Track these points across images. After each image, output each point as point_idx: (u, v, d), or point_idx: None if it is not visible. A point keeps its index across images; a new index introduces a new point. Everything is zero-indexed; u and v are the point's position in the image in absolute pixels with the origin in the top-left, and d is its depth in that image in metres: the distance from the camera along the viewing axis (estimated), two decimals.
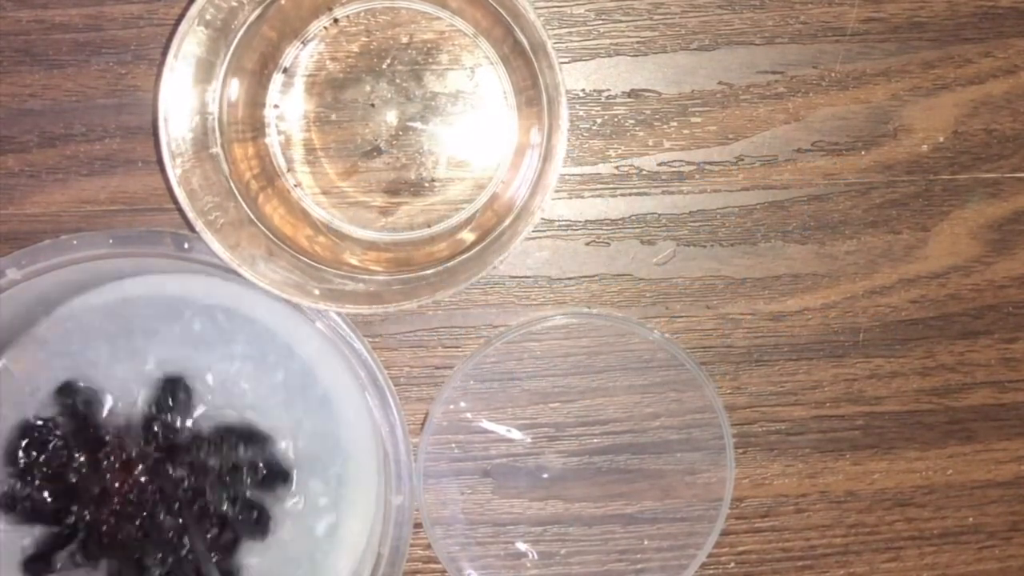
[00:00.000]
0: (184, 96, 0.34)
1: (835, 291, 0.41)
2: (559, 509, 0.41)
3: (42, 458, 0.38)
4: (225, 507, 0.38)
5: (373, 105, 0.38)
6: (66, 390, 0.38)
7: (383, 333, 0.40)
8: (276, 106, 0.38)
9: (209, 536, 0.38)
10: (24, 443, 0.38)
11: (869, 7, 0.40)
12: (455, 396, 0.41)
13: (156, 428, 0.38)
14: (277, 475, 0.39)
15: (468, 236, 0.38)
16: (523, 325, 0.40)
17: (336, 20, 0.38)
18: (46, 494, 0.38)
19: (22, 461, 0.38)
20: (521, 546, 0.42)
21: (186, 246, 0.37)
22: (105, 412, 0.38)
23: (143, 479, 0.38)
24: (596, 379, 0.41)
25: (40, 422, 0.38)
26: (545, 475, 0.41)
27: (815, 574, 0.42)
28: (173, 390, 0.38)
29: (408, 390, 0.41)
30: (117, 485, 0.38)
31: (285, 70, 0.38)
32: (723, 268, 0.41)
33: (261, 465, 0.38)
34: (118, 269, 0.38)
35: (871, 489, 0.42)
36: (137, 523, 0.38)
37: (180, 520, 0.38)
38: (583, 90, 0.40)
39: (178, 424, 0.38)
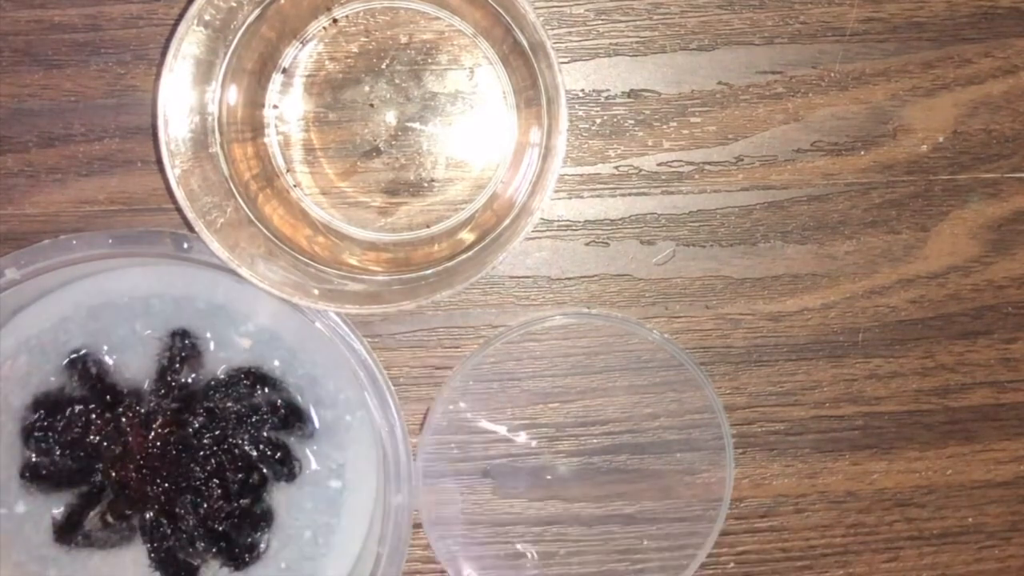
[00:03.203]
0: (183, 96, 0.34)
1: (835, 291, 0.41)
2: (559, 509, 0.41)
3: (60, 425, 0.38)
4: (248, 448, 0.38)
5: (372, 105, 0.38)
6: (76, 358, 0.38)
7: (383, 333, 0.40)
8: (275, 106, 0.38)
9: (238, 479, 0.38)
10: (40, 413, 0.38)
11: (869, 7, 0.39)
12: (455, 396, 0.41)
13: (169, 379, 0.38)
14: (295, 414, 0.39)
15: (468, 236, 0.38)
16: (523, 325, 0.40)
17: (335, 20, 0.38)
18: (69, 460, 0.38)
19: (39, 431, 0.38)
20: (521, 546, 0.41)
21: (186, 246, 0.37)
22: (117, 373, 0.38)
23: (164, 431, 0.38)
24: (596, 379, 0.41)
25: (53, 391, 0.38)
26: (545, 475, 0.41)
27: (815, 574, 0.42)
28: (182, 341, 0.38)
29: (408, 390, 0.41)
30: (139, 441, 0.38)
31: (284, 70, 0.38)
32: (722, 268, 0.41)
33: (279, 403, 0.38)
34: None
35: (871, 489, 0.42)
36: (164, 475, 0.38)
37: (205, 467, 0.38)
38: (583, 90, 0.40)
39: (191, 376, 0.38)
